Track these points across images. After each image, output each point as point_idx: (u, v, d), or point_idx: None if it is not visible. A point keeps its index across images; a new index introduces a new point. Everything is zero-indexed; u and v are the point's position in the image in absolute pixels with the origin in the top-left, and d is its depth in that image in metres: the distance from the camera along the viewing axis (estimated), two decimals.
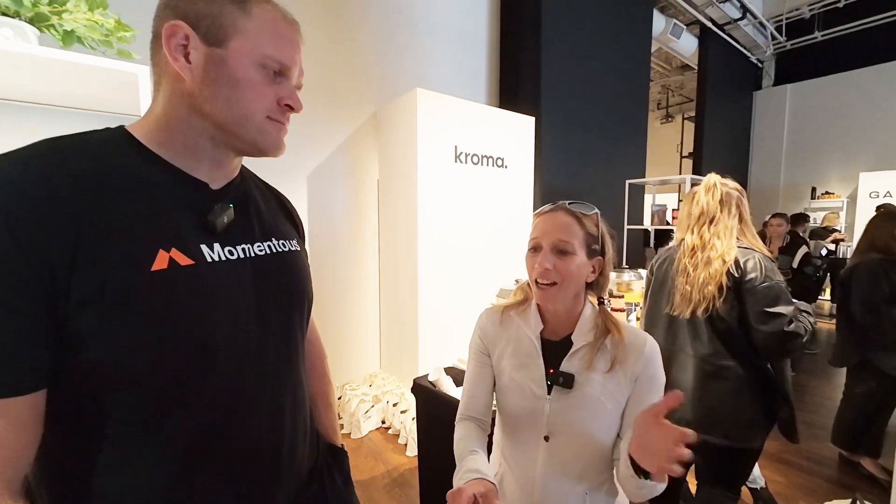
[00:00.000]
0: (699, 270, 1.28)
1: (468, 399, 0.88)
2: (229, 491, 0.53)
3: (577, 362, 0.78)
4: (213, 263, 0.51)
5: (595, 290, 0.85)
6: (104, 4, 1.04)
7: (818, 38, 6.83)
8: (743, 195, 1.34)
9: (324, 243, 2.82)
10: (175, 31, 0.48)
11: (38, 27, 0.99)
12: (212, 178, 0.56)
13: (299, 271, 0.65)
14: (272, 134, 0.55)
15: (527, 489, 0.81)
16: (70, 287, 0.41)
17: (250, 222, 0.60)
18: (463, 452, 0.80)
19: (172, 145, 0.52)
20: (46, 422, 0.44)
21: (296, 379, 0.63)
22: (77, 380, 0.44)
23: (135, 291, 0.44)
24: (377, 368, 3.13)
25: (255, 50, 0.51)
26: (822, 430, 2.52)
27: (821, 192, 7.10)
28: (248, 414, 0.54)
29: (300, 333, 0.65)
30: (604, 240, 0.82)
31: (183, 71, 0.49)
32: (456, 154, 2.76)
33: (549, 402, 0.78)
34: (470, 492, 0.64)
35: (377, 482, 2.10)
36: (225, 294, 0.52)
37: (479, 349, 0.89)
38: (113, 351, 0.43)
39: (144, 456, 0.47)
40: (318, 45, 2.69)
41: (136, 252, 0.45)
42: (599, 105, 4.20)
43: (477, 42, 3.60)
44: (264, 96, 0.52)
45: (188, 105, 0.51)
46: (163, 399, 0.47)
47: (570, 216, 0.79)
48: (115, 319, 0.43)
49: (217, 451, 0.51)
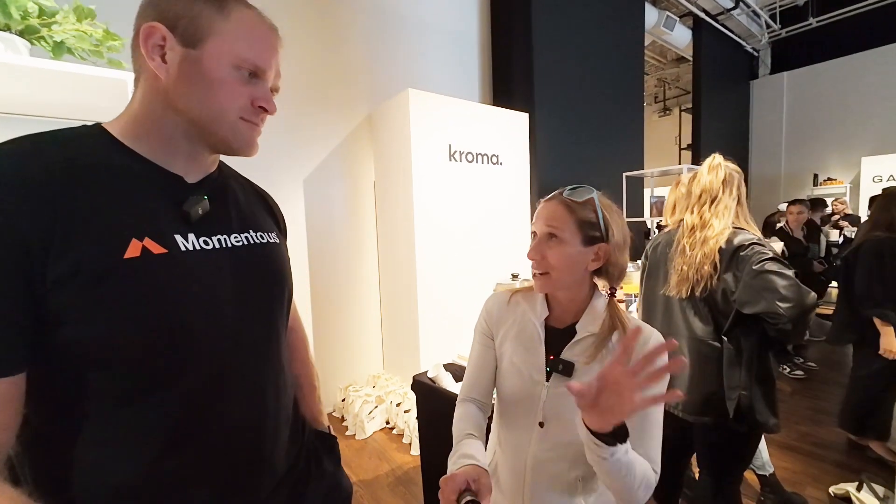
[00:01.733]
0: (696, 250, 1.27)
1: (470, 381, 0.88)
2: (211, 471, 0.54)
3: (578, 351, 0.77)
4: (187, 252, 0.53)
5: (605, 279, 0.80)
6: (92, 15, 1.06)
7: (813, 25, 6.78)
8: (741, 177, 1.34)
9: (322, 246, 2.84)
10: (152, 31, 0.50)
11: (29, 39, 1.02)
12: (187, 172, 0.57)
13: (277, 262, 0.66)
14: (245, 133, 0.56)
15: (519, 474, 0.80)
16: (46, 269, 0.43)
17: (227, 214, 0.61)
18: (459, 435, 0.79)
19: (148, 140, 0.54)
20: (27, 401, 0.45)
21: (277, 366, 0.64)
22: (55, 359, 0.45)
23: (107, 276, 0.46)
24: (380, 369, 3.14)
25: (231, 52, 0.52)
26: (829, 415, 2.50)
27: (823, 179, 7.04)
28: (228, 397, 0.55)
29: (281, 323, 0.66)
30: (606, 224, 0.77)
31: (159, 70, 0.51)
32: (450, 153, 2.77)
33: (546, 388, 0.77)
34: (463, 477, 0.64)
35: (382, 481, 2.11)
36: (199, 282, 0.53)
37: (483, 332, 0.89)
38: (87, 331, 0.45)
39: (124, 434, 0.48)
40: (309, 50, 2.71)
41: (110, 239, 0.47)
42: (594, 99, 4.20)
43: (468, 40, 3.62)
44: (238, 96, 0.54)
45: (163, 101, 0.53)
46: (138, 379, 0.49)
47: (562, 204, 0.77)
48: (89, 300, 0.45)
49: (197, 432, 0.53)
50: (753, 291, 1.16)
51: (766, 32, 7.18)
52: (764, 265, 1.15)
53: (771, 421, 1.23)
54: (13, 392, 0.43)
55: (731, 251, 1.22)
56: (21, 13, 0.97)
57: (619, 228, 0.78)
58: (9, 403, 0.43)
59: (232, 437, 0.56)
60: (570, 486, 0.78)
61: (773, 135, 7.72)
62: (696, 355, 1.31)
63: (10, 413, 0.43)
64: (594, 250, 0.76)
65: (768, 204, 7.52)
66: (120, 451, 0.48)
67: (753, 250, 1.19)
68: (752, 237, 1.23)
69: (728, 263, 1.23)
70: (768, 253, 1.17)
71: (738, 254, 1.21)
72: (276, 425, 0.62)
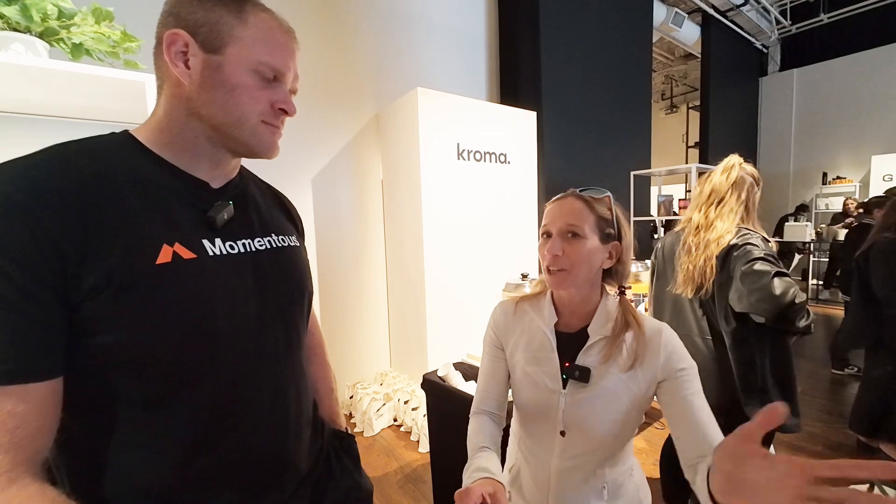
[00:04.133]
0: (700, 251, 1.28)
1: (482, 393, 0.87)
2: (236, 472, 0.55)
3: (593, 356, 0.76)
4: (214, 257, 0.54)
5: (615, 279, 0.81)
6: (110, 17, 1.07)
7: (824, 21, 6.70)
8: (758, 184, 1.32)
9: (331, 245, 2.85)
10: (175, 38, 0.51)
11: (48, 41, 1.03)
12: (212, 178, 0.58)
13: (298, 265, 0.67)
14: (266, 137, 0.58)
15: (543, 483, 0.79)
16: (81, 277, 0.44)
17: (249, 218, 0.62)
18: (474, 448, 0.78)
19: (173, 147, 0.55)
20: (66, 405, 0.46)
21: (298, 368, 0.65)
22: (89, 364, 0.47)
23: (140, 282, 0.47)
24: (387, 367, 3.16)
25: (251, 57, 0.53)
26: (838, 417, 2.49)
27: (832, 178, 6.97)
28: (251, 399, 0.56)
29: (301, 325, 0.67)
30: (619, 223, 0.78)
31: (182, 76, 0.52)
32: (458, 151, 2.77)
33: (563, 396, 0.76)
34: (479, 491, 0.62)
35: (390, 478, 2.12)
36: (225, 285, 0.54)
37: (492, 343, 0.88)
38: (121, 336, 0.46)
39: (154, 436, 0.50)
40: (318, 51, 2.72)
41: (142, 246, 0.48)
42: (601, 97, 4.18)
43: (476, 39, 3.60)
44: (258, 100, 0.55)
45: (186, 108, 0.54)
46: (167, 383, 0.50)
47: (580, 201, 0.77)
48: (123, 307, 0.46)
49: (223, 433, 0.54)
50: (740, 291, 1.18)
51: (776, 29, 7.10)
52: (752, 265, 1.16)
53: (791, 421, 1.21)
54: (51, 396, 0.44)
55: (726, 251, 1.24)
56: (41, 15, 0.98)
57: (627, 229, 0.80)
58: (47, 408, 0.44)
59: (256, 437, 0.57)
60: (596, 493, 0.77)
61: (783, 132, 7.64)
62: (706, 353, 1.31)
63: (48, 417, 0.44)
64: (609, 248, 0.77)
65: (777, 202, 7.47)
66: (149, 454, 0.50)
67: (745, 250, 1.20)
68: (749, 238, 1.23)
69: (723, 264, 1.24)
70: (758, 253, 1.18)
71: (731, 254, 1.23)
72: (298, 426, 0.63)
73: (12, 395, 0.41)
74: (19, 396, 0.41)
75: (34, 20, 0.97)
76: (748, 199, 1.30)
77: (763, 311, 1.15)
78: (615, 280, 0.81)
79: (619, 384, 0.74)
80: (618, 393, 0.74)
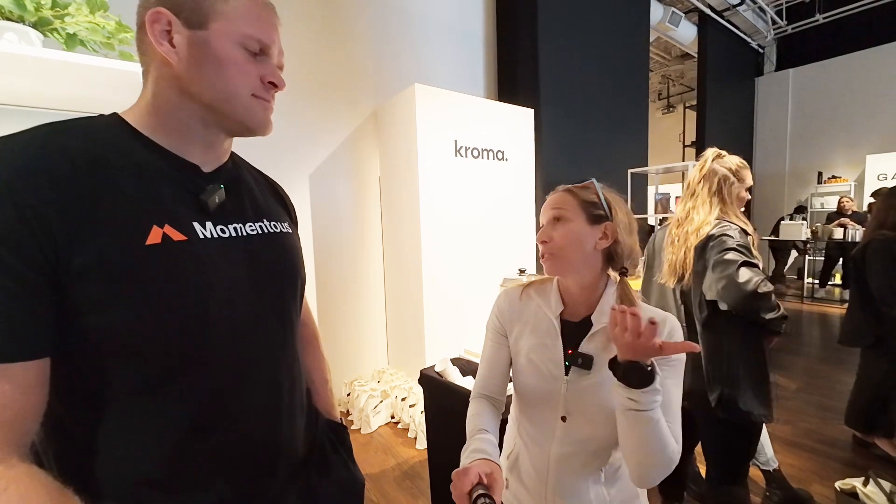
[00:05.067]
0: (681, 243, 1.35)
1: (483, 378, 0.88)
2: (230, 460, 0.55)
3: (596, 343, 0.77)
4: (205, 240, 0.53)
5: (616, 261, 0.81)
6: (105, 6, 1.06)
7: (820, 21, 6.74)
8: (733, 175, 1.34)
9: (328, 241, 2.84)
10: (158, 17, 0.51)
11: (42, 31, 1.02)
12: (203, 161, 0.58)
13: (290, 250, 0.67)
14: (258, 112, 0.57)
15: (542, 468, 0.80)
16: (70, 258, 0.44)
17: (242, 203, 0.62)
18: (472, 430, 0.79)
19: (164, 129, 0.54)
20: (55, 389, 0.45)
21: (292, 355, 0.65)
22: (79, 347, 0.46)
23: (130, 263, 0.46)
24: (385, 364, 3.15)
25: (235, 30, 0.53)
26: (834, 412, 2.50)
27: (827, 177, 7.00)
28: (245, 386, 0.56)
29: (294, 311, 0.66)
30: (608, 203, 0.79)
31: (168, 55, 0.51)
32: (456, 148, 2.77)
33: (566, 382, 0.77)
34: (476, 471, 0.64)
35: (388, 475, 2.12)
36: (217, 268, 0.54)
37: (496, 329, 0.89)
38: (111, 318, 0.46)
39: (145, 424, 0.49)
40: (316, 46, 2.71)
41: (132, 227, 0.48)
42: (599, 95, 4.19)
43: (474, 35, 3.60)
44: (248, 74, 0.54)
45: (177, 88, 0.53)
46: (159, 368, 0.49)
47: (565, 191, 0.81)
48: (113, 289, 0.46)
49: (216, 420, 0.53)
50: (711, 279, 1.24)
51: (772, 29, 7.14)
52: (723, 255, 1.21)
53: (757, 412, 1.24)
54: (37, 377, 0.44)
55: (704, 242, 1.28)
56: (35, 4, 0.97)
57: (622, 209, 0.81)
58: (33, 387, 0.43)
59: (249, 424, 0.56)
60: (593, 476, 0.78)
61: (778, 132, 7.69)
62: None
63: (34, 398, 0.44)
64: (601, 229, 0.78)
65: (773, 201, 7.52)
66: (141, 441, 0.49)
67: (720, 241, 1.24)
68: (726, 229, 1.26)
69: (700, 254, 1.29)
70: (731, 243, 1.22)
71: (707, 244, 1.27)
72: (292, 413, 0.63)
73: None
74: (3, 375, 0.41)
75: (28, 9, 0.96)
76: (721, 190, 1.33)
77: (728, 298, 1.20)
78: (616, 262, 0.81)
79: None
80: None
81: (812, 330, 4.64)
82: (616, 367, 0.67)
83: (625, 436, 0.69)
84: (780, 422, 2.48)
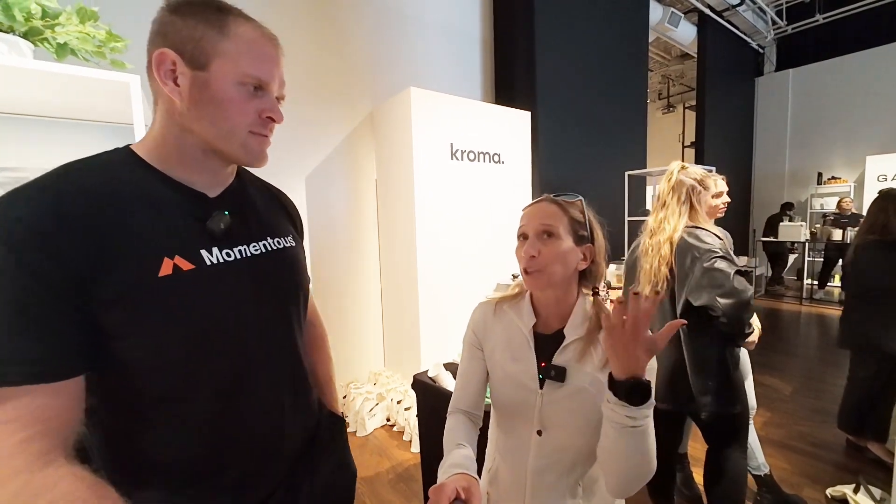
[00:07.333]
0: (654, 253, 1.38)
1: (460, 392, 0.88)
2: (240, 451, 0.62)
3: (569, 355, 0.78)
4: (212, 266, 0.58)
5: (589, 280, 0.83)
6: (95, 16, 1.06)
7: (820, 21, 6.72)
8: (700, 186, 1.40)
9: (324, 244, 2.85)
10: (163, 58, 0.54)
11: (33, 41, 1.02)
12: (209, 188, 0.62)
13: (293, 265, 0.71)
14: (254, 147, 0.61)
15: (520, 480, 0.81)
16: (96, 292, 0.49)
17: (247, 223, 0.66)
18: (449, 445, 0.79)
19: (171, 161, 0.59)
20: (95, 395, 0.52)
21: (294, 358, 0.71)
22: (112, 364, 0.52)
23: (147, 296, 0.52)
24: (381, 367, 3.16)
25: (236, 70, 0.56)
26: (827, 415, 2.51)
27: (827, 178, 6.99)
28: (252, 389, 0.62)
29: (296, 320, 0.71)
30: (591, 226, 0.81)
31: (173, 94, 0.55)
32: (452, 151, 2.77)
33: (541, 395, 0.77)
34: (452, 486, 0.64)
35: (382, 478, 2.13)
36: (225, 292, 0.59)
37: (471, 343, 0.89)
38: (133, 343, 0.52)
39: (167, 424, 0.57)
40: (311, 48, 2.71)
41: (146, 261, 0.52)
42: (597, 97, 4.18)
43: (470, 38, 3.60)
44: (246, 112, 0.58)
45: (179, 124, 0.57)
46: (176, 382, 0.56)
47: (554, 204, 0.80)
48: (133, 318, 0.51)
49: (229, 418, 0.60)
50: (700, 286, 1.27)
51: (772, 29, 7.12)
52: (713, 262, 1.25)
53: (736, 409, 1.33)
54: (75, 391, 0.50)
55: (682, 250, 1.32)
56: (24, 15, 0.98)
57: (600, 233, 0.83)
58: (73, 399, 0.50)
59: (258, 420, 0.63)
60: (570, 490, 0.79)
61: (778, 132, 7.66)
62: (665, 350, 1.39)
63: (74, 407, 0.50)
64: (583, 250, 0.80)
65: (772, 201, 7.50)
66: (164, 438, 0.57)
67: (705, 249, 1.28)
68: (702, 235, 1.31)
69: (679, 262, 1.33)
70: (718, 252, 1.27)
71: (689, 252, 1.31)
72: (295, 408, 0.69)
73: (42, 392, 0.46)
74: (49, 392, 0.47)
75: (17, 20, 0.96)
76: (690, 200, 1.39)
77: (726, 305, 1.24)
78: (589, 281, 0.84)
79: (594, 382, 0.76)
80: (592, 391, 0.75)
81: (810, 332, 4.64)
82: (618, 387, 0.64)
83: (610, 450, 0.68)
84: (773, 424, 2.49)
